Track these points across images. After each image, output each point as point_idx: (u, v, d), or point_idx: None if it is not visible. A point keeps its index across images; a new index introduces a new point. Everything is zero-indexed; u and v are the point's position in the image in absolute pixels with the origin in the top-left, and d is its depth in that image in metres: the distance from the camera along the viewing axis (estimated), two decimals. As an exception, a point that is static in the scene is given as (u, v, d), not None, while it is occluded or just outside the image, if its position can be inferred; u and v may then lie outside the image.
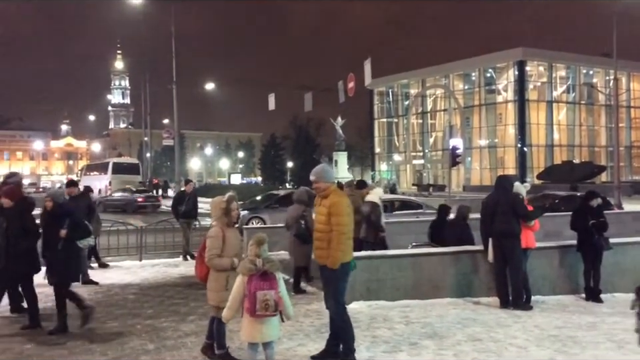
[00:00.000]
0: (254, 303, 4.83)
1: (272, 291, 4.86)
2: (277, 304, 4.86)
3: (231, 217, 5.49)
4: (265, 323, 4.92)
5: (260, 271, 4.90)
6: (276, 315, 4.92)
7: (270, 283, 4.89)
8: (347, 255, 5.54)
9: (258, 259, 4.94)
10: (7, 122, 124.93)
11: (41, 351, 6.07)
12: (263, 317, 4.88)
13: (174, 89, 36.49)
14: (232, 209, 5.50)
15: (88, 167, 55.03)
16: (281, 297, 4.91)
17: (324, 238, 5.53)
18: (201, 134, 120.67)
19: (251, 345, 5.11)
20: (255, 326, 4.95)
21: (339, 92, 35.85)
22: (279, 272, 5.03)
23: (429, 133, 72.47)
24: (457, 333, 6.66)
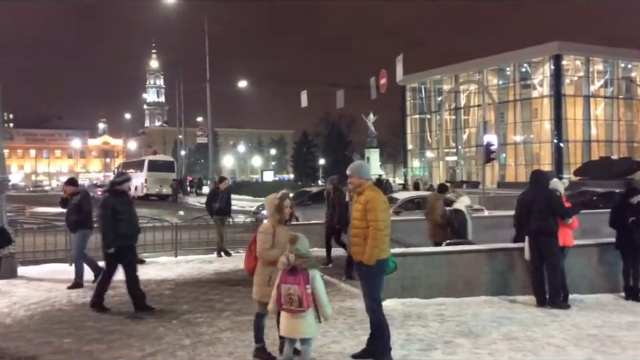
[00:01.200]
0: (280, 296, 4.94)
1: (296, 285, 4.88)
2: (302, 300, 4.86)
3: (282, 214, 5.51)
4: (299, 319, 4.94)
5: (290, 265, 4.95)
6: (303, 310, 4.91)
7: (296, 278, 4.91)
8: (384, 252, 5.50)
9: (290, 255, 4.98)
10: (47, 121, 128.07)
11: (79, 345, 6.21)
12: (290, 311, 4.94)
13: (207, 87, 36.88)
14: (284, 206, 5.53)
15: (124, 165, 56.05)
16: (309, 294, 4.89)
17: (360, 234, 5.52)
18: (234, 131, 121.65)
19: (288, 340, 5.16)
20: (288, 321, 5.00)
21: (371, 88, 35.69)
22: (313, 269, 5.02)
23: (462, 129, 71.66)
24: (493, 331, 6.58)
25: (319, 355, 5.70)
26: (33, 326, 7.00)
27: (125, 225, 7.76)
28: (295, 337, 5.07)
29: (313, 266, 5.04)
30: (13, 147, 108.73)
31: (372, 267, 5.45)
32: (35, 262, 11.53)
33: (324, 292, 5.08)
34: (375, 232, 5.40)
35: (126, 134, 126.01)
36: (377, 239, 5.40)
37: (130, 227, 7.90)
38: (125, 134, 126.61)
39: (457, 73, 69.81)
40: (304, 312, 4.90)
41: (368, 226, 5.43)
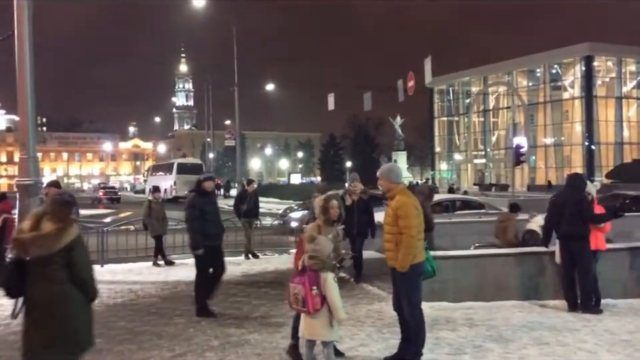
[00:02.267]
0: (288, 295, 4.99)
1: (300, 285, 4.85)
2: (306, 300, 4.80)
3: (328, 215, 5.50)
4: (312, 320, 4.91)
5: (301, 266, 4.99)
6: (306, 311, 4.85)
7: (302, 278, 4.88)
8: (417, 257, 5.43)
9: (305, 255, 4.99)
10: (79, 124, 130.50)
11: (111, 345, 6.31)
12: (298, 310, 4.98)
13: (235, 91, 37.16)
14: (329, 207, 5.50)
15: (154, 168, 56.85)
16: (315, 296, 4.80)
17: (392, 240, 5.45)
18: (261, 134, 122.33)
19: (308, 341, 5.16)
20: (305, 322, 5.00)
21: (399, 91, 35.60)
22: (326, 272, 4.89)
23: (491, 132, 70.98)
24: (523, 336, 6.50)
25: (346, 358, 5.70)
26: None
27: (211, 225, 7.67)
28: (312, 338, 5.05)
29: (325, 268, 4.92)
30: (46, 150, 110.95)
31: (406, 273, 5.40)
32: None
33: (337, 295, 4.91)
34: (407, 239, 5.32)
35: (155, 137, 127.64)
36: (409, 246, 5.33)
37: (217, 227, 7.83)
38: (154, 137, 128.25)
39: (485, 74, 69.19)
40: (310, 313, 4.85)
41: (399, 232, 5.37)
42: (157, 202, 13.00)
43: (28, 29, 11.22)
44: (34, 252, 4.04)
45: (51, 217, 4.13)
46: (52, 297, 4.03)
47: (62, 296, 4.06)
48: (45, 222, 4.11)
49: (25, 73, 11.25)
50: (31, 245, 4.04)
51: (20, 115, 11.67)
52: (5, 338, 6.70)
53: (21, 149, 11.58)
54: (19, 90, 11.32)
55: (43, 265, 4.02)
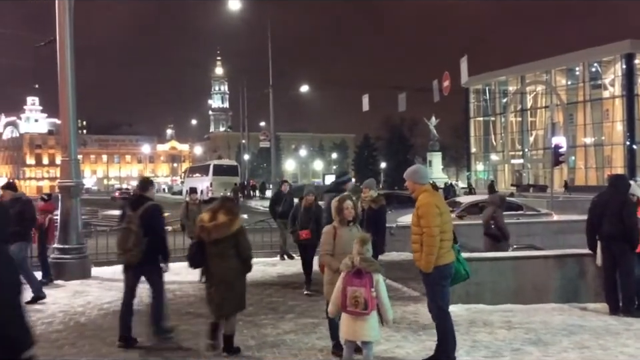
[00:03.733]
0: (345, 298, 4.94)
1: (362, 288, 4.88)
2: (367, 302, 4.86)
3: (343, 216, 5.55)
4: (361, 322, 4.94)
5: (355, 268, 4.96)
6: (368, 313, 4.91)
7: (362, 280, 4.91)
8: (442, 258, 5.37)
9: (356, 257, 4.99)
10: (118, 127, 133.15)
11: (151, 343, 6.42)
12: (354, 313, 4.93)
13: (270, 92, 37.39)
14: (344, 207, 5.57)
15: (190, 169, 57.64)
16: (374, 297, 4.90)
17: (417, 240, 5.43)
18: (296, 136, 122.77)
19: (348, 342, 5.17)
20: (350, 324, 5.00)
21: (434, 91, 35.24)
22: (377, 273, 5.02)
23: (529, 131, 69.78)
24: (563, 339, 6.37)
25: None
26: (106, 325, 7.28)
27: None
28: (356, 339, 5.08)
29: (377, 270, 5.03)
30: (86, 152, 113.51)
31: (431, 274, 5.37)
32: (107, 263, 11.96)
33: (387, 296, 5.07)
34: (428, 239, 5.31)
35: (192, 139, 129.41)
36: (431, 246, 5.30)
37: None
38: (191, 139, 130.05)
39: (523, 73, 68.09)
40: (367, 315, 4.90)
41: (423, 232, 5.36)
42: (194, 203, 13.13)
43: (69, 33, 11.52)
44: (213, 236, 5.75)
45: (224, 211, 5.83)
46: (223, 268, 5.74)
47: (230, 268, 5.77)
48: (220, 215, 5.81)
49: (66, 77, 11.55)
50: (212, 231, 5.74)
51: (61, 118, 11.99)
52: (47, 336, 6.87)
53: (63, 152, 11.89)
54: (61, 94, 11.63)
55: (217, 245, 5.74)
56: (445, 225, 5.43)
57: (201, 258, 5.86)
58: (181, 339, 6.57)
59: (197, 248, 5.89)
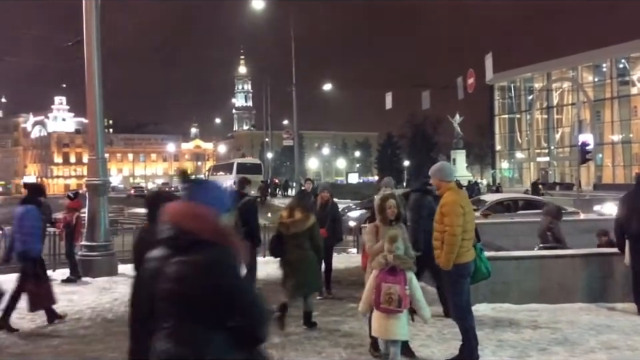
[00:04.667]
0: (379, 295, 4.93)
1: (397, 285, 4.89)
2: (401, 299, 4.87)
3: (385, 215, 5.54)
4: (393, 320, 4.95)
5: (389, 266, 4.98)
6: (401, 310, 4.92)
7: (397, 277, 4.93)
8: (462, 257, 5.35)
9: (389, 254, 5.01)
10: (143, 126, 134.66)
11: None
12: (388, 311, 4.93)
13: (293, 91, 37.49)
14: (386, 207, 5.56)
15: (214, 168, 58.05)
16: (407, 295, 4.92)
17: (438, 237, 5.44)
18: (319, 134, 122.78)
19: (383, 341, 5.21)
20: (382, 322, 5.01)
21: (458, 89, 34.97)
22: (410, 271, 5.04)
23: (555, 129, 68.78)
24: (590, 339, 6.28)
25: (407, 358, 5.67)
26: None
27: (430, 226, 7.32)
28: (387, 337, 5.08)
29: (410, 268, 5.05)
30: (113, 151, 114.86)
31: (450, 272, 5.36)
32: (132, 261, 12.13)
33: (421, 294, 5.10)
34: (449, 237, 5.31)
35: (216, 138, 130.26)
36: (452, 245, 5.30)
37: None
38: (215, 138, 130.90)
39: (549, 70, 67.12)
40: (400, 312, 4.91)
41: (445, 230, 5.35)
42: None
43: (96, 34, 11.68)
44: (291, 230, 6.76)
45: (300, 209, 6.84)
46: (299, 258, 6.71)
47: (305, 257, 6.75)
48: (296, 212, 6.81)
49: (93, 77, 11.71)
50: (290, 226, 6.77)
51: (89, 117, 12.16)
52: (75, 332, 6.99)
53: (90, 150, 12.07)
54: (88, 93, 11.80)
55: (295, 238, 6.75)
56: (468, 225, 5.42)
57: (280, 249, 6.92)
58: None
59: (277, 240, 6.99)
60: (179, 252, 2.37)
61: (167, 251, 2.41)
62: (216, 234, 2.40)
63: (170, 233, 2.41)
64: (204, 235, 2.37)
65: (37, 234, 7.17)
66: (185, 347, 2.30)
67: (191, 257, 2.33)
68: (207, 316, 2.31)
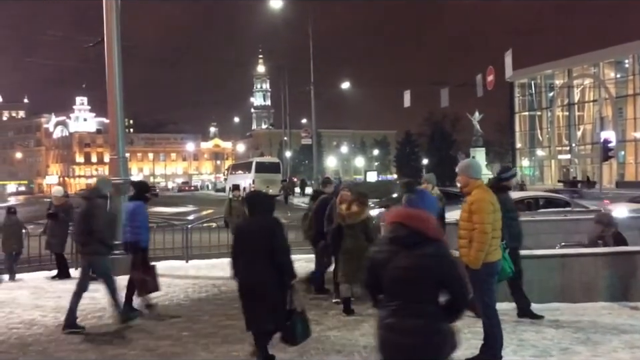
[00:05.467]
0: None
1: None
2: None
3: None
4: None
5: None
6: None
7: None
8: (491, 255, 5.33)
9: None
10: (163, 125, 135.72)
11: (196, 338, 6.54)
12: None
13: (312, 90, 37.50)
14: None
15: (233, 167, 58.24)
16: None
17: (466, 236, 5.40)
18: (337, 132, 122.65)
19: None
20: None
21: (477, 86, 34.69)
22: None
23: (576, 126, 67.92)
24: (613, 339, 6.21)
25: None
26: (154, 319, 7.44)
27: (516, 224, 7.00)
28: None
29: None
30: (133, 150, 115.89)
31: (479, 271, 5.31)
32: (154, 259, 12.17)
33: None
34: (480, 235, 5.27)
35: (235, 137, 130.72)
36: (482, 242, 5.27)
37: (519, 226, 7.16)
38: (234, 137, 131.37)
39: (570, 66, 66.31)
40: None
41: (474, 228, 5.30)
42: (237, 200, 13.30)
43: (116, 34, 11.79)
44: (347, 221, 7.43)
45: (357, 203, 7.50)
46: (354, 247, 7.27)
47: (359, 246, 7.11)
48: (353, 205, 7.48)
49: (113, 77, 11.83)
50: (347, 218, 7.44)
51: (110, 117, 12.29)
52: (98, 329, 7.08)
53: (111, 150, 12.19)
54: (109, 93, 11.92)
55: (351, 229, 7.42)
56: (497, 223, 5.38)
57: (338, 238, 7.59)
58: (225, 334, 6.67)
59: (336, 231, 7.66)
60: (407, 247, 3.14)
61: (396, 246, 3.19)
62: (436, 233, 3.19)
63: (400, 232, 3.19)
64: (428, 234, 3.15)
65: (145, 227, 8.06)
66: (417, 319, 3.08)
67: (420, 251, 3.12)
68: (429, 294, 3.12)
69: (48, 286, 9.98)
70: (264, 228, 5.35)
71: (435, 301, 3.13)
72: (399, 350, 3.12)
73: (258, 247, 5.25)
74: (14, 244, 10.81)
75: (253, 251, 5.27)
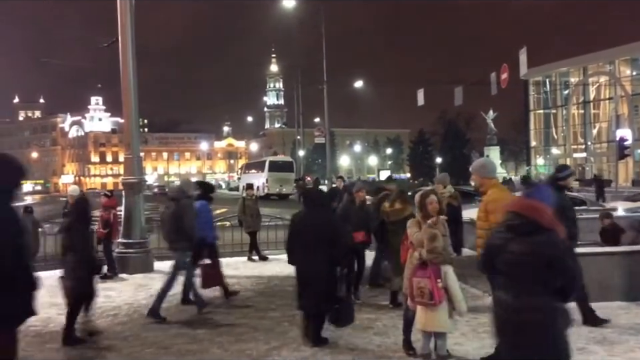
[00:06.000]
0: (412, 289, 5.11)
1: (426, 279, 5.00)
2: (433, 293, 4.95)
3: (426, 211, 5.53)
4: (431, 312, 5.05)
5: (421, 260, 5.10)
6: (434, 304, 4.98)
7: (426, 272, 5.03)
8: None
9: (423, 250, 5.11)
10: (177, 125, 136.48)
11: (211, 336, 6.58)
12: (421, 304, 5.07)
13: (325, 89, 37.50)
14: (427, 203, 5.55)
15: (247, 166, 58.43)
16: (440, 289, 4.98)
17: (483, 235, 5.34)
18: (350, 131, 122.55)
19: (424, 333, 5.28)
20: (422, 314, 5.14)
21: (491, 84, 34.45)
22: (446, 265, 5.11)
23: (592, 124, 67.31)
24: (630, 339, 6.15)
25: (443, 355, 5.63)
26: (169, 317, 7.48)
27: (574, 225, 6.73)
28: (429, 329, 5.16)
29: (445, 262, 5.12)
30: (148, 150, 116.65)
31: None
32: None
33: (458, 287, 5.17)
34: None
35: (248, 136, 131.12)
36: None
37: (577, 228, 6.92)
38: (247, 136, 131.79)
39: (585, 64, 65.71)
40: (435, 305, 4.94)
41: (491, 227, 5.27)
42: (251, 199, 13.34)
43: (130, 34, 11.86)
44: (391, 218, 7.54)
45: (400, 201, 7.66)
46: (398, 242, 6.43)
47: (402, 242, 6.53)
48: (396, 203, 7.62)
49: (128, 77, 11.90)
50: (390, 215, 7.58)
51: (124, 117, 12.38)
52: (113, 328, 7.13)
53: (126, 149, 12.27)
54: (123, 93, 12.00)
55: (394, 225, 7.31)
56: None
57: (382, 234, 7.82)
58: (239, 332, 6.69)
59: (380, 227, 7.89)
60: (521, 234, 3.43)
61: (511, 233, 3.47)
62: (551, 222, 3.45)
63: (516, 220, 3.47)
64: (543, 223, 3.40)
65: (210, 224, 8.84)
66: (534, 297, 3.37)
67: (534, 239, 3.39)
68: (542, 278, 3.38)
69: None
70: (320, 221, 6.18)
71: (549, 283, 3.38)
72: (519, 328, 3.39)
73: (314, 239, 6.02)
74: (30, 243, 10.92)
75: (309, 242, 6.05)
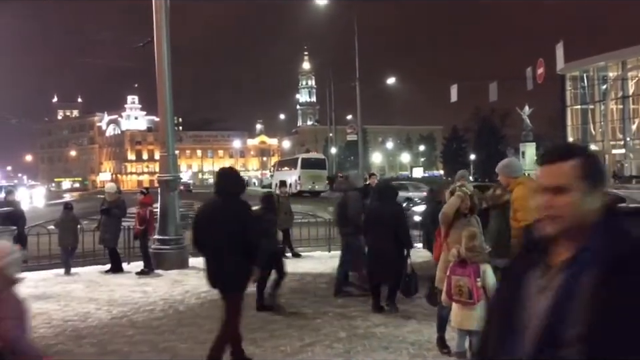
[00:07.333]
0: (450, 287, 5.07)
1: (465, 277, 4.97)
2: (472, 292, 4.93)
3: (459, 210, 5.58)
4: (468, 311, 5.01)
5: (459, 258, 5.06)
6: (473, 303, 4.96)
7: (466, 270, 4.99)
8: None
9: (462, 247, 5.08)
10: (211, 123, 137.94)
11: (245, 333, 6.61)
12: (459, 302, 5.03)
13: (357, 86, 37.43)
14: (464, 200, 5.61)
15: (279, 163, 58.70)
16: (479, 287, 4.94)
17: (516, 235, 5.32)
18: (382, 128, 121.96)
19: (459, 331, 5.25)
20: (458, 312, 5.11)
21: (527, 79, 33.93)
22: (485, 264, 5.08)
23: (631, 119, 65.63)
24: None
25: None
26: (203, 313, 7.58)
27: None
28: (465, 328, 5.12)
29: (484, 260, 5.08)
30: (182, 148, 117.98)
31: None
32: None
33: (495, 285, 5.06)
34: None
35: (280, 134, 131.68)
36: None
37: None
38: (279, 133, 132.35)
39: (624, 58, 64.10)
40: (474, 304, 4.91)
41: (520, 225, 5.23)
42: (284, 196, 13.39)
43: (165, 34, 12.02)
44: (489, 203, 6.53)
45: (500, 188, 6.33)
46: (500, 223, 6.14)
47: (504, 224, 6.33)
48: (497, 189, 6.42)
49: (163, 76, 12.07)
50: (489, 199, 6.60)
51: (160, 115, 12.56)
52: (149, 323, 7.24)
53: (161, 147, 12.45)
54: (159, 92, 12.17)
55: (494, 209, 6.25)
56: None
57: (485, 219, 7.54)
58: (272, 329, 6.73)
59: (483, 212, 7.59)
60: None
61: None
62: None
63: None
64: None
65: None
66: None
67: None
68: None
69: (101, 280, 10.27)
70: (391, 211, 7.44)
71: None
72: None
73: (386, 225, 7.23)
74: (70, 239, 11.16)
75: (382, 227, 7.25)
